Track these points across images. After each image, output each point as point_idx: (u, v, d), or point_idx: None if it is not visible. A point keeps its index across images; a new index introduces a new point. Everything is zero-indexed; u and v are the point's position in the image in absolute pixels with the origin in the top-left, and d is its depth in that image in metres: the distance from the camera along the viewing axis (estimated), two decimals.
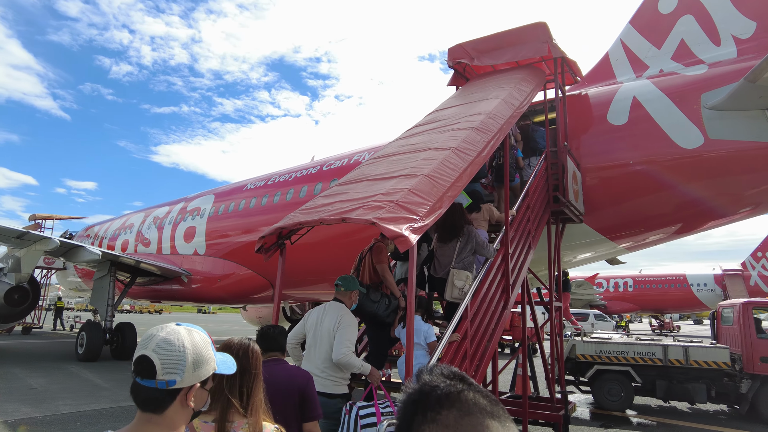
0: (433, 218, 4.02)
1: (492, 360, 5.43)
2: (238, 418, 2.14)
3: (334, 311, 4.39)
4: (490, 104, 6.44)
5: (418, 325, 4.90)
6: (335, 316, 4.32)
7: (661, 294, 45.18)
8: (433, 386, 0.87)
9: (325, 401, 4.04)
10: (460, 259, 5.53)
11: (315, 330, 4.38)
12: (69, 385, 11.11)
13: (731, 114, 8.44)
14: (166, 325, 1.62)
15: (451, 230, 5.63)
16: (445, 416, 0.82)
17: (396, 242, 3.55)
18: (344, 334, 4.20)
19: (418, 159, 4.94)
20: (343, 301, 4.54)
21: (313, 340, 4.36)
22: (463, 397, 0.84)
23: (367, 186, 4.46)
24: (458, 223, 5.64)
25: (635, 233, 9.87)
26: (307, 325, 4.50)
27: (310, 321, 4.49)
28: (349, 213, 3.89)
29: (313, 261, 13.79)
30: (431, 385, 0.88)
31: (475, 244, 5.60)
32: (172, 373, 1.51)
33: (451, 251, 5.61)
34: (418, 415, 0.84)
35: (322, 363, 4.22)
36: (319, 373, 4.17)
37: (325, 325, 4.32)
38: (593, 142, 9.46)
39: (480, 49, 9.10)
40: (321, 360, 4.23)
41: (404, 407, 0.88)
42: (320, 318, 4.41)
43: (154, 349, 1.53)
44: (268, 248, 4.81)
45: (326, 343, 4.24)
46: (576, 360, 10.67)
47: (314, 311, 4.56)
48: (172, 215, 20.23)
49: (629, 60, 10.64)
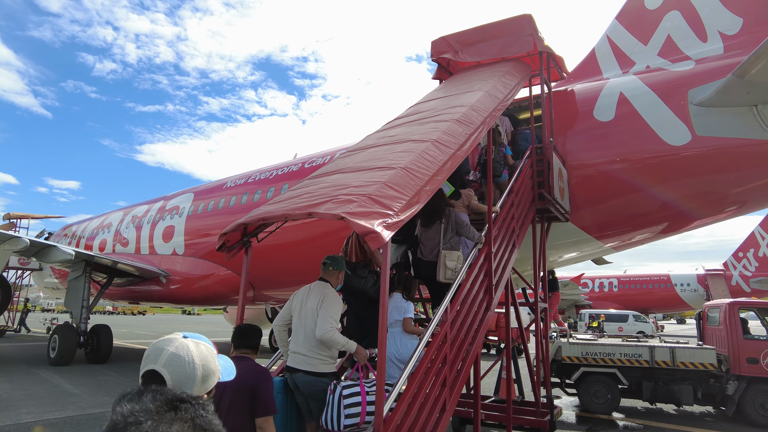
0: (409, 213, 3.72)
1: (474, 364, 5.14)
2: None
3: (319, 290, 4.37)
4: (473, 96, 6.16)
5: (398, 302, 5.02)
6: (319, 295, 4.30)
7: (646, 294, 45.63)
8: (130, 423, 0.78)
9: (312, 380, 4.11)
10: (447, 240, 5.54)
11: (300, 310, 4.36)
12: (35, 391, 10.59)
13: (719, 110, 8.28)
14: (174, 339, 1.62)
15: (432, 214, 5.60)
16: None
17: (367, 239, 3.24)
18: (327, 310, 4.17)
19: (396, 151, 4.64)
20: (329, 281, 4.50)
21: (298, 321, 4.34)
22: None
23: (340, 178, 4.14)
24: (438, 207, 5.62)
25: (622, 232, 9.69)
26: (293, 306, 4.48)
27: (295, 302, 4.47)
28: (317, 207, 3.56)
29: (294, 261, 13.45)
30: (128, 421, 0.79)
31: (455, 224, 5.58)
32: (182, 386, 1.51)
33: (435, 234, 5.62)
34: None
35: (308, 342, 4.21)
36: (306, 352, 4.19)
37: (309, 304, 4.30)
38: (579, 138, 9.26)
39: (464, 41, 8.83)
40: (306, 339, 4.21)
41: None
42: (305, 298, 4.38)
43: (164, 364, 1.54)
44: (231, 246, 4.46)
45: (311, 322, 4.21)
46: (562, 362, 10.46)
47: (299, 292, 4.51)
48: (150, 214, 19.72)
49: (615, 56, 10.47)
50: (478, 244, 5.73)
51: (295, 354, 4.27)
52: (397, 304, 5.01)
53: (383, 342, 3.39)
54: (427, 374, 4.04)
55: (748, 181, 8.52)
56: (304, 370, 4.15)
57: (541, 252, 8.40)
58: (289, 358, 4.33)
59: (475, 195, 6.65)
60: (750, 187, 8.61)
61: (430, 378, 4.07)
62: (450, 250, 5.44)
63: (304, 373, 4.15)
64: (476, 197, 6.51)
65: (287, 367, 4.35)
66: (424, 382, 3.98)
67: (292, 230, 13.57)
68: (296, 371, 4.21)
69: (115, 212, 23.27)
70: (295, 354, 4.27)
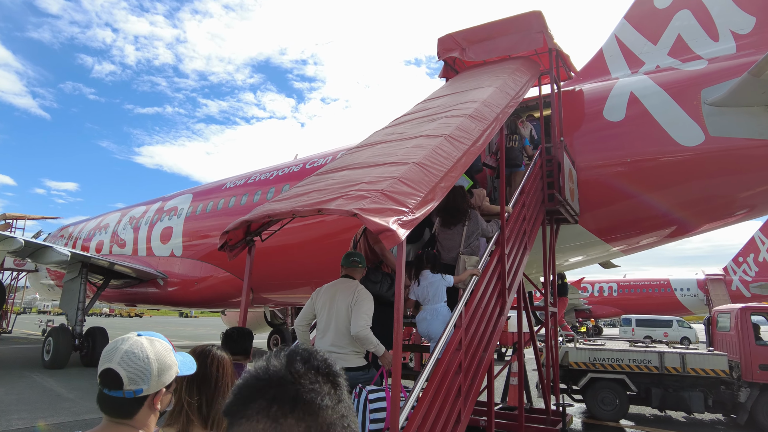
0: (424, 211, 3.48)
1: (488, 371, 4.89)
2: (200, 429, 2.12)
3: (348, 287, 4.29)
4: (484, 92, 5.94)
5: (431, 278, 4.89)
6: (350, 291, 4.22)
7: (646, 298, 45.42)
8: (291, 382, 0.79)
9: (352, 375, 4.00)
10: (468, 243, 5.41)
11: (329, 308, 4.26)
12: (27, 396, 10.30)
13: (733, 110, 8.08)
14: (128, 337, 1.66)
15: (454, 214, 5.50)
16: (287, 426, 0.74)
17: (381, 237, 3.01)
18: (361, 307, 4.08)
19: (407, 146, 4.41)
20: (354, 278, 4.43)
21: (328, 319, 4.23)
22: (317, 409, 0.77)
23: (349, 174, 3.90)
24: (461, 207, 5.49)
25: (632, 235, 9.47)
26: (317, 305, 4.36)
27: (321, 300, 4.35)
28: (327, 203, 3.32)
29: (295, 263, 13.21)
30: (288, 380, 0.80)
31: (481, 229, 5.48)
32: (138, 383, 1.58)
33: (456, 236, 5.45)
34: (255, 404, 0.77)
35: (341, 339, 4.13)
36: (339, 349, 4.11)
37: (340, 301, 4.21)
38: (589, 138, 9.05)
39: (471, 39, 8.62)
40: (340, 336, 4.13)
41: (246, 389, 0.81)
42: (333, 296, 4.28)
43: (119, 362, 1.58)
44: (234, 245, 4.21)
45: (344, 319, 4.13)
46: (569, 367, 10.21)
47: (323, 290, 4.40)
48: (148, 215, 19.45)
49: (624, 56, 10.27)
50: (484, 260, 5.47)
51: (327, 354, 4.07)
52: (430, 281, 4.90)
53: (398, 350, 3.14)
54: (441, 383, 3.79)
55: (763, 184, 8.31)
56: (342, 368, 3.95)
57: (551, 255, 8.16)
58: None
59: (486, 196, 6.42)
60: (764, 189, 8.40)
61: (444, 387, 3.83)
62: (470, 255, 5.29)
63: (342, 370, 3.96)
64: (488, 198, 6.26)
65: None
66: (438, 392, 3.74)
67: (293, 232, 13.31)
68: None
69: (112, 213, 23.00)
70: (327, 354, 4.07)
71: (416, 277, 5.00)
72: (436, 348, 3.99)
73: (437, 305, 4.79)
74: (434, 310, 4.78)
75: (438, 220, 5.73)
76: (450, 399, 3.89)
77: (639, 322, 33.64)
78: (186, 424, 2.08)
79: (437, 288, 4.85)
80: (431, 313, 4.79)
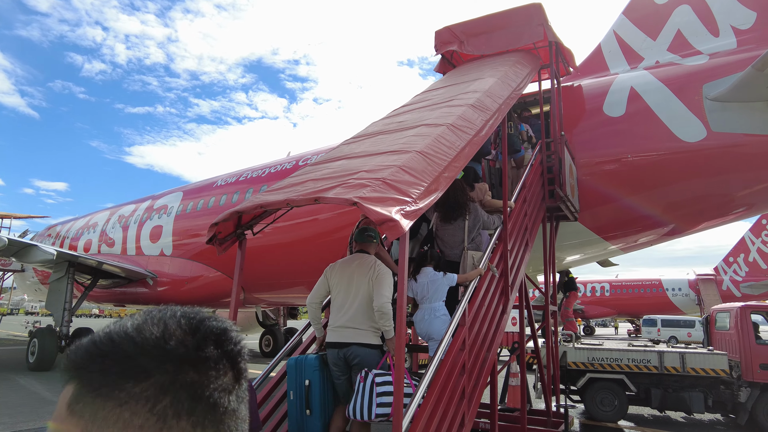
0: (428, 201, 3.26)
1: (491, 373, 4.68)
2: None
3: (366, 262, 4.16)
4: (485, 83, 5.73)
5: (432, 276, 4.74)
6: (369, 266, 4.08)
7: (637, 298, 45.51)
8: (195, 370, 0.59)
9: (368, 352, 3.92)
10: (471, 238, 5.23)
11: (348, 284, 4.10)
12: (10, 399, 9.94)
13: (735, 105, 7.95)
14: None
15: (454, 208, 5.35)
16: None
17: (383, 228, 2.78)
18: (384, 281, 3.99)
19: (408, 135, 4.18)
20: (369, 252, 4.32)
21: (345, 295, 4.08)
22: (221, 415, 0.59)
23: (347, 164, 3.67)
24: (461, 200, 5.33)
25: (632, 233, 9.32)
26: (332, 282, 4.22)
27: (335, 277, 4.21)
28: (324, 192, 3.09)
29: (289, 262, 12.94)
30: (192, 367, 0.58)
31: (482, 222, 5.33)
32: None
33: (458, 231, 5.30)
34: (135, 387, 0.55)
35: (360, 316, 4.02)
36: (358, 325, 4.00)
37: (359, 276, 4.11)
38: (589, 134, 8.88)
39: (470, 32, 8.41)
40: (360, 312, 4.03)
41: (123, 356, 0.57)
42: (350, 272, 4.15)
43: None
44: (224, 239, 3.96)
45: (364, 294, 4.03)
46: (567, 368, 10.03)
47: (337, 266, 4.26)
48: (138, 214, 19.08)
49: (623, 51, 10.13)
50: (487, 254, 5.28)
51: (344, 329, 4.03)
52: (431, 278, 4.75)
53: (401, 349, 2.91)
54: (445, 385, 3.57)
55: (765, 180, 8.18)
56: (359, 343, 3.94)
57: (551, 253, 7.98)
58: (336, 334, 4.06)
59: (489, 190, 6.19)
60: (766, 186, 8.27)
61: (449, 389, 3.61)
62: (475, 250, 5.13)
63: (359, 345, 3.93)
64: (490, 193, 6.04)
65: (333, 344, 4.06)
66: (442, 395, 3.52)
67: (287, 230, 13.05)
68: (348, 345, 3.97)
69: (101, 212, 22.56)
70: (344, 329, 4.03)
71: (414, 275, 4.78)
72: (439, 348, 3.78)
73: (436, 304, 4.64)
74: (433, 309, 4.61)
75: (436, 215, 5.58)
76: (454, 402, 3.67)
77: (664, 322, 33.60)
78: None
79: (438, 286, 4.66)
80: (430, 312, 4.61)
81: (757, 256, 38.27)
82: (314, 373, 3.94)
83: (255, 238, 13.25)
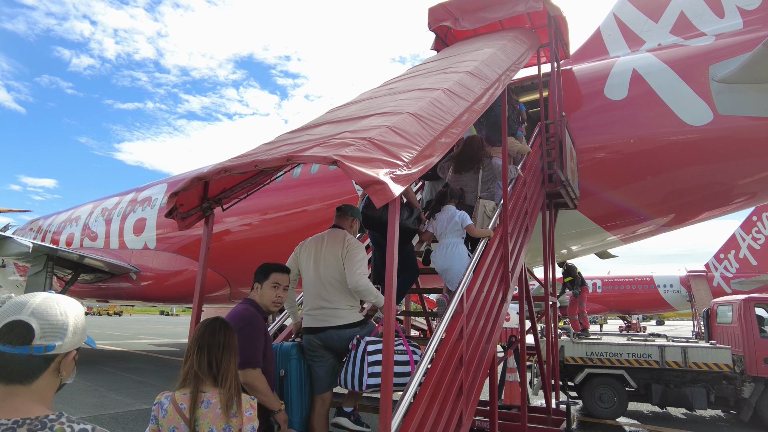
0: (422, 167, 2.82)
1: (491, 367, 4.25)
2: (211, 388, 2.31)
3: (336, 236, 3.84)
4: (484, 53, 5.30)
5: (452, 213, 4.70)
6: (340, 241, 3.77)
7: (629, 295, 45.50)
8: None
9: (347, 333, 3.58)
10: (486, 188, 5.21)
11: (315, 261, 3.79)
12: None
13: (743, 87, 7.57)
14: (37, 293, 1.51)
15: (469, 161, 5.34)
16: None
17: (370, 192, 2.33)
18: (355, 257, 3.61)
19: (399, 99, 3.73)
20: (343, 228, 4.01)
21: (315, 274, 3.76)
22: None
23: (330, 128, 3.20)
24: (477, 155, 5.32)
25: (633, 222, 8.94)
26: (301, 259, 3.91)
27: (305, 254, 3.91)
28: (300, 152, 2.63)
29: (277, 255, 12.44)
30: None
31: (497, 173, 5.24)
32: (52, 337, 1.43)
33: (471, 181, 5.27)
34: None
35: (332, 294, 3.67)
36: (332, 305, 3.64)
37: (328, 252, 3.76)
38: (589, 119, 8.48)
39: (465, 8, 7.95)
40: (331, 291, 3.67)
41: None
42: (319, 248, 3.84)
43: (30, 313, 1.42)
44: (187, 213, 3.49)
45: (334, 272, 3.68)
46: (564, 363, 9.65)
47: (308, 242, 3.96)
48: (121, 206, 18.50)
49: (623, 34, 9.73)
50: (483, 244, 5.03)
51: (317, 311, 3.66)
52: (451, 214, 4.68)
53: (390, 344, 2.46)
54: (440, 379, 3.13)
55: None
56: (335, 326, 3.59)
57: (550, 241, 7.57)
58: (310, 318, 3.70)
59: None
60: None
61: (445, 384, 3.17)
62: (488, 199, 5.11)
63: (336, 328, 3.58)
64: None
65: (308, 329, 3.70)
66: (437, 390, 3.08)
67: (274, 222, 12.59)
68: (323, 329, 3.61)
69: (84, 205, 21.93)
70: (317, 311, 3.66)
71: (434, 213, 4.83)
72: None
73: (454, 239, 4.60)
74: (451, 244, 4.57)
75: (452, 167, 5.59)
76: (450, 398, 3.23)
77: None
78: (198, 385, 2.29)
79: (458, 221, 4.61)
80: (447, 247, 4.58)
81: (748, 253, 38.29)
82: (290, 362, 3.56)
83: (240, 228, 12.69)
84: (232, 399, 2.25)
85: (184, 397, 2.27)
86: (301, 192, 12.10)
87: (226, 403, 2.23)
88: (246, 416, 2.26)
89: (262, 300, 3.24)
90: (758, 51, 7.02)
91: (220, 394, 2.27)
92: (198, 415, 2.21)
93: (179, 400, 2.26)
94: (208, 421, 2.20)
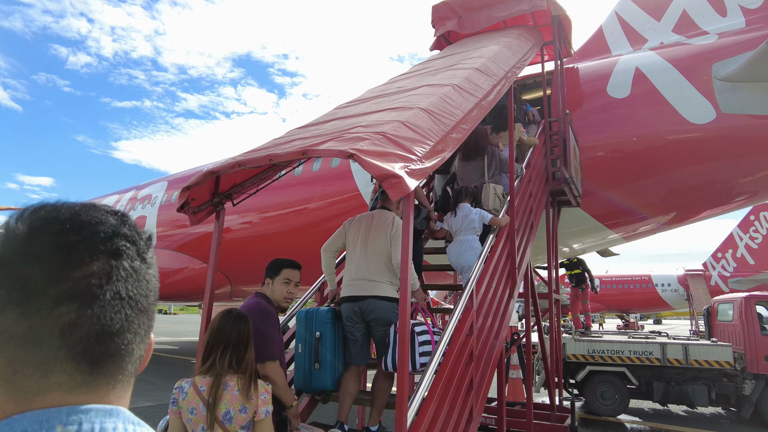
0: (435, 162, 2.83)
1: (499, 362, 4.26)
2: (231, 374, 2.48)
3: (385, 217, 4.12)
4: (490, 50, 5.31)
5: (467, 211, 4.89)
6: (388, 222, 4.05)
7: (627, 294, 45.46)
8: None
9: (386, 305, 3.81)
10: (491, 174, 5.54)
11: (363, 237, 4.07)
12: None
13: (747, 86, 7.59)
14: None
15: (475, 149, 5.59)
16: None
17: (386, 186, 2.34)
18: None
19: (409, 95, 3.75)
20: (390, 209, 4.27)
21: (363, 249, 4.03)
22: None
23: (341, 122, 3.21)
24: (482, 144, 5.59)
25: (635, 220, 8.95)
26: (349, 235, 4.19)
27: (353, 230, 4.19)
28: (315, 146, 2.63)
29: (277, 252, 12.42)
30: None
31: (499, 162, 5.58)
32: None
33: (478, 169, 5.61)
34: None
35: (378, 269, 3.93)
36: (376, 277, 3.90)
37: (378, 230, 4.04)
38: (592, 116, 8.49)
39: (469, 6, 7.96)
40: (377, 266, 3.93)
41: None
42: (369, 225, 4.11)
43: None
44: (198, 208, 3.48)
45: (383, 248, 3.94)
46: (566, 360, 9.68)
47: (356, 220, 4.25)
48: (121, 204, 18.46)
49: (625, 33, 9.76)
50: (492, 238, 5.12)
51: (360, 281, 3.87)
52: (465, 212, 4.89)
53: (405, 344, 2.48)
54: (451, 375, 3.14)
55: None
56: (375, 296, 3.79)
57: (554, 239, 7.59)
58: (351, 287, 3.89)
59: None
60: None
61: (456, 379, 3.18)
62: (495, 183, 5.39)
63: (375, 298, 3.78)
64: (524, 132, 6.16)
65: (348, 297, 3.89)
66: (449, 385, 3.08)
67: (276, 220, 12.58)
68: (364, 298, 3.79)
69: None
70: (360, 281, 3.87)
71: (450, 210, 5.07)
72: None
73: (469, 236, 4.79)
74: (466, 241, 4.77)
75: (459, 156, 5.81)
76: (461, 393, 3.24)
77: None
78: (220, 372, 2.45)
79: (473, 219, 4.80)
80: (462, 245, 4.78)
81: (745, 252, 38.40)
82: (326, 326, 3.75)
83: (242, 226, 12.65)
84: (249, 384, 2.44)
85: (204, 380, 2.45)
86: (301, 190, 12.10)
87: (243, 387, 2.42)
88: (261, 399, 2.43)
89: (273, 295, 3.25)
90: (761, 49, 7.04)
91: (239, 378, 2.45)
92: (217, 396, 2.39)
93: (199, 383, 2.44)
94: (226, 402, 2.38)
